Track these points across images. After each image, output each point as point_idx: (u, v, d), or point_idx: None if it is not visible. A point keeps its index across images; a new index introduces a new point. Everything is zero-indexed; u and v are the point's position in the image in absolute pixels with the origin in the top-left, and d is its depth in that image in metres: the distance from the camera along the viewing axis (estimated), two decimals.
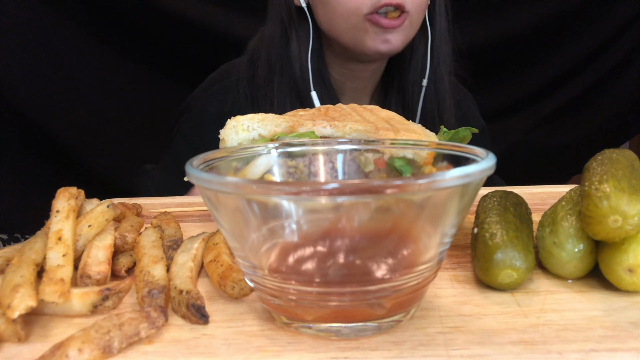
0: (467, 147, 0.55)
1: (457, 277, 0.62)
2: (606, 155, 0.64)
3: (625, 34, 2.11)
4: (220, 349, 0.48)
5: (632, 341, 0.48)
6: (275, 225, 0.47)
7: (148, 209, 0.95)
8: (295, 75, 1.30)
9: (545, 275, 0.62)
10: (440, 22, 1.37)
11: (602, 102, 2.19)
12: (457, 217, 0.48)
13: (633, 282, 0.55)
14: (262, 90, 1.33)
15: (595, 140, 2.14)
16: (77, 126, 1.99)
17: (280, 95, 1.31)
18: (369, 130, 0.76)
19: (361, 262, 0.47)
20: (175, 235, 0.72)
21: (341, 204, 0.44)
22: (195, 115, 1.40)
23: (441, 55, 1.38)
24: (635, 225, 0.53)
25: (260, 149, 0.62)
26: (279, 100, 1.31)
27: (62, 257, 0.57)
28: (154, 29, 2.05)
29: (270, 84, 1.32)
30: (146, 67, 2.10)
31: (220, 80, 1.40)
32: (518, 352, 0.46)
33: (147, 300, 0.55)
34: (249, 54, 1.39)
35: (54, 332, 0.52)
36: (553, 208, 0.64)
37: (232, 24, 2.01)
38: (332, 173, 0.65)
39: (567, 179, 2.16)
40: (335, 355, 0.47)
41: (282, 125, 0.77)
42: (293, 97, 1.31)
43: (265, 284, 0.49)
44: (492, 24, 2.12)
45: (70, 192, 0.65)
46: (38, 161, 1.96)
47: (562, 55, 2.17)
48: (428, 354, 0.47)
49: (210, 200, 0.48)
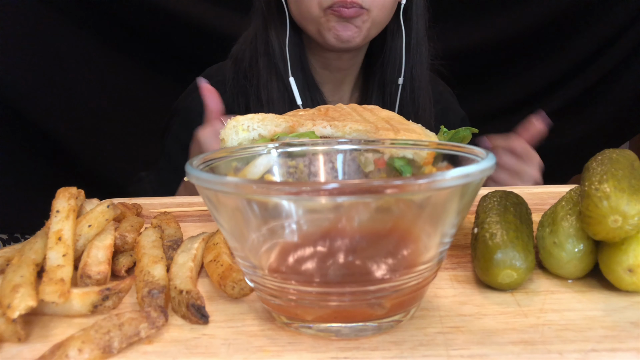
0: (467, 147, 0.55)
1: (457, 277, 0.62)
2: (606, 155, 0.64)
3: (625, 34, 2.11)
4: (220, 349, 0.48)
5: (632, 341, 0.48)
6: (275, 225, 0.47)
7: (148, 209, 0.95)
8: (277, 60, 1.36)
9: (545, 275, 0.62)
10: (417, 23, 1.40)
11: (602, 102, 2.19)
12: (457, 217, 0.48)
13: (633, 282, 0.55)
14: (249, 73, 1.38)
15: (595, 140, 2.14)
16: (77, 126, 1.99)
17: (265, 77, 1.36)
18: (369, 130, 0.76)
19: (361, 262, 0.47)
20: (175, 235, 0.72)
21: (341, 204, 0.44)
22: (184, 117, 1.43)
23: (417, 55, 1.41)
24: (635, 225, 0.53)
25: (260, 149, 0.62)
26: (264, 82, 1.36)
27: (62, 257, 0.57)
28: (155, 29, 2.05)
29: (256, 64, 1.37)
30: (146, 67, 2.10)
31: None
32: (518, 352, 0.46)
33: (147, 300, 0.55)
34: (233, 56, 1.44)
35: (54, 332, 0.52)
36: (553, 208, 0.64)
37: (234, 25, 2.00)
38: (332, 173, 0.65)
39: (567, 179, 2.16)
40: (335, 355, 0.47)
41: (282, 125, 0.77)
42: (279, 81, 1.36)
43: (265, 284, 0.49)
44: (492, 24, 2.12)
45: (70, 192, 0.65)
46: (38, 161, 1.96)
47: (562, 56, 2.17)
48: (428, 354, 0.47)
49: (210, 200, 0.48)
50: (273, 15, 1.37)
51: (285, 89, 1.35)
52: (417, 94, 1.42)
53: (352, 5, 1.23)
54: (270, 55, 1.36)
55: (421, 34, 1.41)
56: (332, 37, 1.28)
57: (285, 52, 1.34)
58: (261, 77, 1.36)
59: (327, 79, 1.45)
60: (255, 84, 1.37)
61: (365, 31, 1.29)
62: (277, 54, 1.36)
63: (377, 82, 1.44)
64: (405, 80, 1.40)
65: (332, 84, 1.46)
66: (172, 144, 1.46)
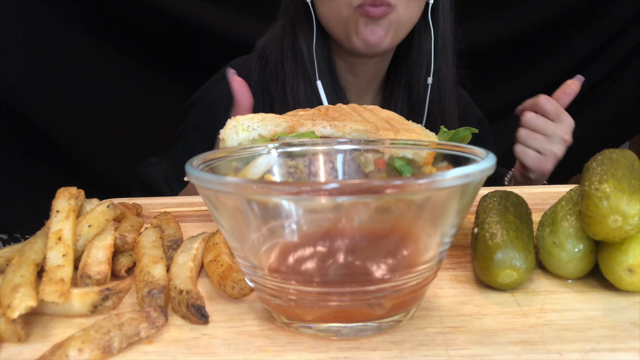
0: (467, 147, 0.55)
1: (457, 277, 0.62)
2: (606, 155, 0.64)
3: (625, 33, 2.11)
4: (220, 349, 0.48)
5: (632, 341, 0.48)
6: (275, 225, 0.47)
7: (148, 209, 0.95)
8: (305, 64, 1.35)
9: (545, 275, 0.62)
10: (444, 23, 1.39)
11: (602, 102, 2.19)
12: (457, 217, 0.48)
13: (633, 282, 0.55)
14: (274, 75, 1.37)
15: (595, 140, 2.14)
16: (77, 126, 1.99)
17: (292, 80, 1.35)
18: (369, 130, 0.76)
19: (361, 262, 0.47)
20: (175, 235, 0.72)
21: (341, 204, 0.44)
22: (207, 106, 1.42)
23: (444, 55, 1.40)
24: (635, 225, 0.53)
25: (260, 149, 0.62)
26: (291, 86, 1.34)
27: (62, 257, 0.57)
28: (154, 29, 2.05)
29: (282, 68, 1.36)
30: (146, 67, 2.10)
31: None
32: (518, 352, 0.46)
33: (147, 300, 0.55)
34: (258, 51, 1.43)
35: (54, 332, 0.52)
36: (553, 208, 0.64)
37: (234, 25, 2.01)
38: (332, 173, 0.65)
39: (567, 179, 2.16)
40: (335, 355, 0.47)
41: (282, 125, 0.77)
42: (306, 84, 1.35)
43: (265, 284, 0.49)
44: (493, 24, 2.13)
45: (70, 192, 0.65)
46: (38, 161, 1.96)
47: (562, 55, 2.17)
48: (428, 354, 0.47)
49: (210, 200, 0.48)
50: (300, 19, 1.35)
51: (313, 92, 1.34)
52: (443, 95, 1.41)
53: (380, 4, 1.22)
54: (297, 59, 1.35)
55: (447, 34, 1.40)
56: (360, 41, 1.27)
57: (313, 56, 1.33)
58: (287, 80, 1.35)
59: (352, 83, 1.44)
60: (281, 88, 1.36)
61: (392, 34, 1.28)
62: (305, 58, 1.35)
63: (404, 85, 1.43)
64: (433, 81, 1.39)
65: (356, 88, 1.45)
66: (191, 132, 1.44)
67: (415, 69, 1.40)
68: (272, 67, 1.38)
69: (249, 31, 1.54)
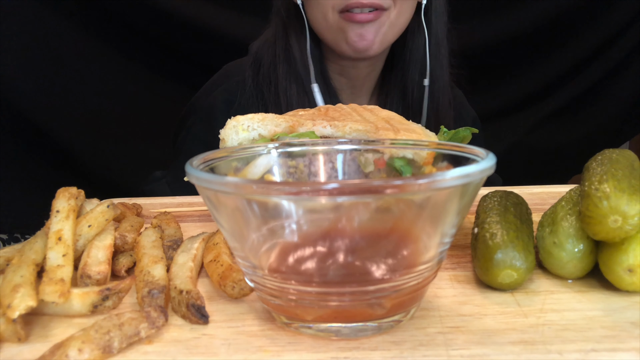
0: (467, 147, 0.55)
1: (457, 277, 0.62)
2: (606, 155, 0.64)
3: (625, 34, 2.11)
4: (220, 349, 0.48)
5: (632, 341, 0.48)
6: (275, 225, 0.47)
7: (148, 209, 0.95)
8: (298, 67, 1.34)
9: (545, 275, 0.62)
10: (437, 23, 1.38)
11: (602, 102, 2.19)
12: (457, 217, 0.48)
13: (633, 282, 0.55)
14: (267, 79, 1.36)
15: (595, 140, 2.14)
16: (78, 126, 1.99)
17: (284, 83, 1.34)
18: (369, 130, 0.76)
19: (361, 262, 0.47)
20: (175, 235, 0.72)
21: (341, 204, 0.44)
22: (205, 115, 1.41)
23: (437, 56, 1.39)
24: (635, 225, 0.53)
25: (260, 149, 0.62)
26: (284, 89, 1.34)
27: (62, 257, 0.57)
28: (155, 30, 2.05)
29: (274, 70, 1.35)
30: (146, 67, 2.10)
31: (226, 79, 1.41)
32: (518, 352, 0.46)
33: (147, 300, 0.55)
34: (252, 54, 1.42)
35: (54, 332, 0.52)
36: (553, 208, 0.64)
37: (234, 25, 2.01)
38: (332, 173, 0.65)
39: (567, 179, 2.16)
40: (335, 355, 0.47)
41: (282, 125, 0.77)
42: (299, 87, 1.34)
43: (265, 284, 0.49)
44: (492, 24, 2.12)
45: (70, 192, 0.65)
46: (38, 161, 1.96)
47: (562, 55, 2.17)
48: (428, 354, 0.47)
49: (210, 200, 0.48)
50: (293, 22, 1.35)
51: (306, 94, 1.33)
52: (437, 95, 1.40)
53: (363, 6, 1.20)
54: (290, 61, 1.34)
55: (441, 34, 1.39)
56: (348, 47, 1.27)
57: (306, 59, 1.33)
58: (280, 84, 1.34)
59: (344, 85, 1.43)
60: (274, 91, 1.35)
61: (381, 37, 1.27)
62: (298, 61, 1.34)
63: (398, 85, 1.43)
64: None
65: (349, 90, 1.45)
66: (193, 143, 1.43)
67: (409, 68, 1.40)
68: (265, 70, 1.37)
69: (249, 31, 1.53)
